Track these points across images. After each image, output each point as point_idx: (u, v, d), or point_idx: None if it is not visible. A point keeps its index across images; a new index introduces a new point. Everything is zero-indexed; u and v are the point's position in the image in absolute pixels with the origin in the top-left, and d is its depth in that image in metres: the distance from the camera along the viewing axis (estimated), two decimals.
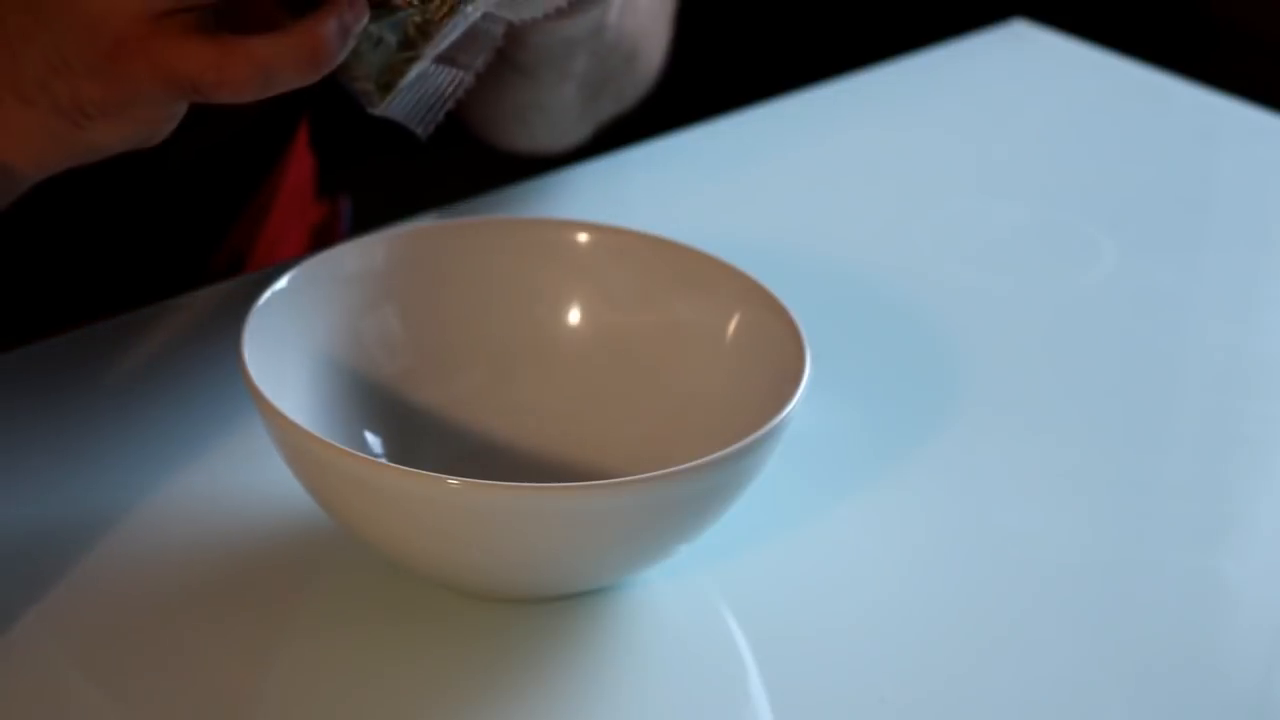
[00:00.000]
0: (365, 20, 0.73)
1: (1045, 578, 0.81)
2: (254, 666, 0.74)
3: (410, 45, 0.75)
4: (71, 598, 0.76)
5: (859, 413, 0.89)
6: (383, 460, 0.79)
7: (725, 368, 0.82)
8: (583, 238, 0.85)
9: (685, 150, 1.10)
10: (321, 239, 1.09)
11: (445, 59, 0.77)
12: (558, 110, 0.97)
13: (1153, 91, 1.19)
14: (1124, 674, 0.76)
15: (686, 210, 1.04)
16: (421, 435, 0.83)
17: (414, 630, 0.76)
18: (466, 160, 1.10)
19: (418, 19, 0.75)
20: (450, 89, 0.78)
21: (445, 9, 0.74)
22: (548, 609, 0.77)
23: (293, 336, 0.79)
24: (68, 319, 0.92)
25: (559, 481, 0.72)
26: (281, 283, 0.80)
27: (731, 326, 0.82)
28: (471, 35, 0.77)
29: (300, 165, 1.07)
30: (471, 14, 0.75)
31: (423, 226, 0.85)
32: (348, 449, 0.72)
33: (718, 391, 0.82)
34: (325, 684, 0.74)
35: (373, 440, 0.81)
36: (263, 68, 0.71)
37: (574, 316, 0.85)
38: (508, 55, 0.90)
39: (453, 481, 0.70)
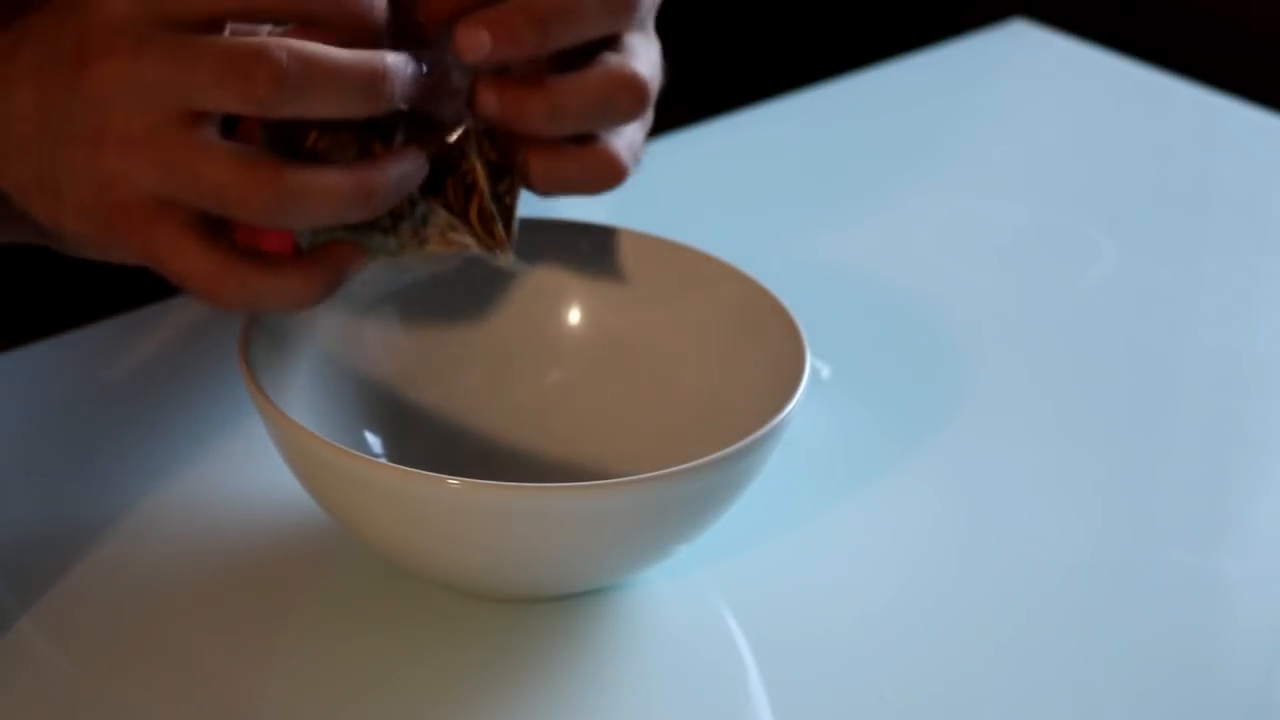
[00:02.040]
0: (360, 267, 0.73)
1: (1045, 577, 0.81)
2: (254, 666, 0.74)
3: (374, 254, 0.75)
4: (71, 597, 0.76)
5: (859, 413, 0.89)
6: (383, 460, 0.79)
7: (725, 368, 0.82)
8: (583, 238, 0.85)
9: (685, 150, 1.10)
10: None
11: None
12: None
13: (1153, 91, 1.19)
14: (1124, 674, 0.76)
15: (686, 210, 1.04)
16: (421, 435, 0.83)
17: (414, 630, 0.76)
18: None
19: (394, 249, 0.75)
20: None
21: (423, 254, 0.75)
22: (548, 609, 0.77)
23: (293, 336, 0.79)
24: (68, 319, 0.92)
25: (559, 481, 0.72)
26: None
27: (731, 326, 0.82)
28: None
29: None
30: (450, 256, 0.75)
31: None
32: (348, 449, 0.72)
33: (718, 391, 0.82)
34: (325, 684, 0.74)
35: (373, 440, 0.81)
36: (252, 295, 0.70)
37: (574, 316, 0.85)
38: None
39: (453, 481, 0.70)
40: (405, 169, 0.71)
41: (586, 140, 0.75)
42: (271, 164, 0.69)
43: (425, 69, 0.72)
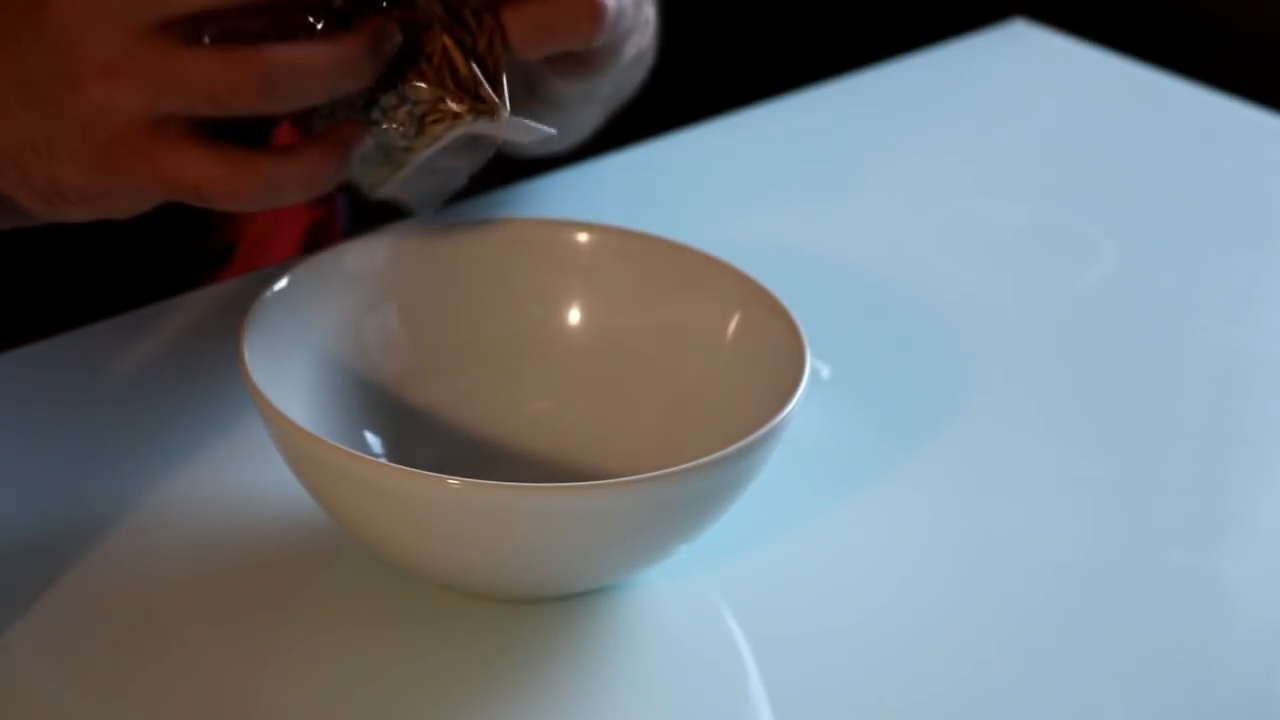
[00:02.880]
0: (368, 140, 0.73)
1: (1044, 577, 0.81)
2: (254, 666, 0.74)
3: (397, 157, 0.76)
4: (71, 597, 0.76)
5: (859, 413, 0.89)
6: (383, 460, 0.79)
7: (725, 368, 0.82)
8: (583, 238, 0.85)
9: (685, 150, 1.10)
10: (317, 238, 1.08)
11: (436, 165, 0.78)
12: (576, 124, 0.97)
13: (1153, 91, 1.19)
14: (1124, 674, 0.76)
15: (686, 210, 1.04)
16: (421, 435, 0.83)
17: (414, 630, 0.76)
18: None
19: (402, 143, 0.75)
20: (445, 184, 0.79)
21: (432, 137, 0.75)
22: (548, 609, 0.77)
23: (293, 336, 0.79)
24: (68, 319, 0.92)
25: (559, 481, 0.72)
26: (281, 283, 0.80)
27: (731, 326, 0.82)
28: (466, 144, 0.78)
29: None
30: (453, 135, 0.75)
31: (423, 226, 0.85)
32: (348, 449, 0.72)
33: (718, 391, 0.82)
34: (325, 684, 0.74)
35: (373, 440, 0.81)
36: (269, 184, 0.70)
37: (574, 316, 0.85)
38: (537, 93, 0.90)
39: (453, 481, 0.70)
40: (379, 30, 0.71)
41: None
42: (252, 50, 0.68)
43: None
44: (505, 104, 0.75)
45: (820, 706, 0.74)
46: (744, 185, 1.08)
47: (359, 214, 1.13)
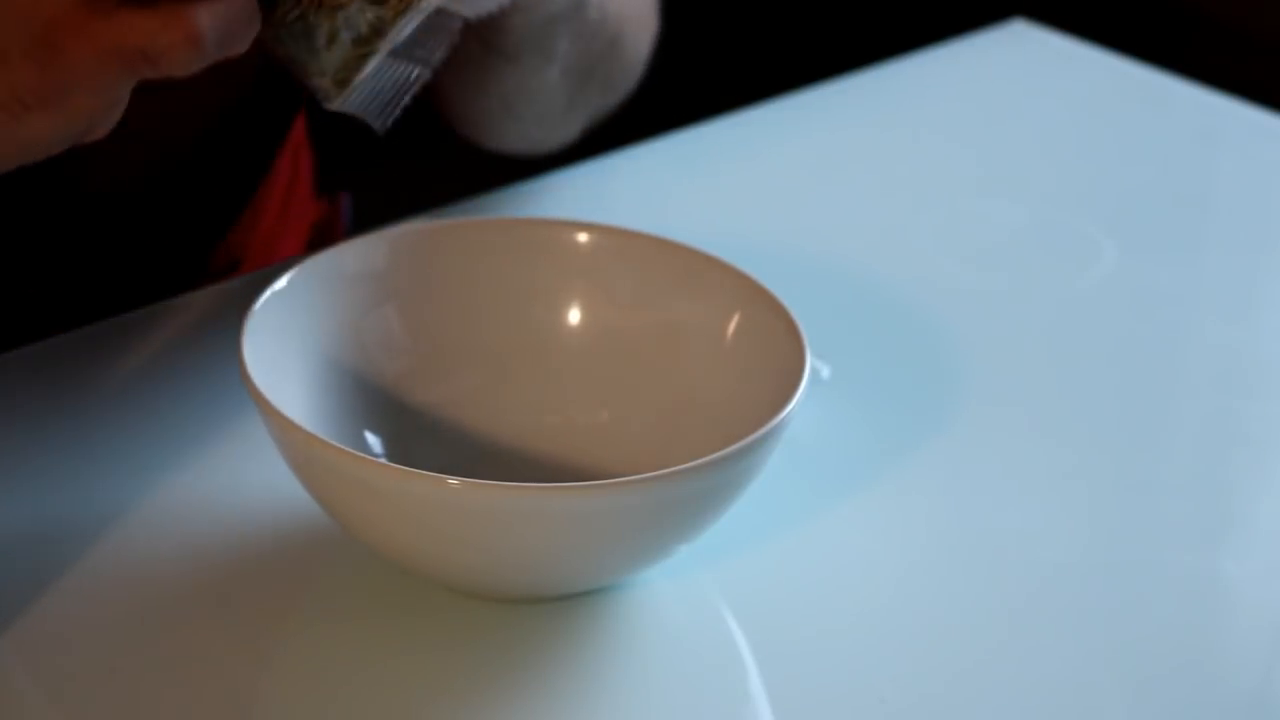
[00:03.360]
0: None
1: (1045, 577, 0.81)
2: (253, 666, 0.74)
3: (365, 41, 0.75)
4: (71, 597, 0.76)
5: (859, 413, 0.89)
6: (383, 460, 0.79)
7: (725, 368, 0.82)
8: (583, 238, 0.85)
9: (684, 150, 1.10)
10: (321, 237, 1.09)
11: (402, 54, 0.77)
12: (544, 98, 0.97)
13: (1153, 91, 1.19)
14: (1124, 674, 0.76)
15: (686, 210, 1.04)
16: (421, 435, 0.83)
17: (414, 630, 0.76)
18: (466, 160, 1.10)
19: (370, 16, 0.74)
20: (407, 82, 0.78)
21: (400, 6, 0.74)
22: (548, 609, 0.77)
23: (293, 336, 0.79)
24: (68, 319, 0.92)
25: (559, 481, 0.72)
26: (281, 283, 0.80)
27: (731, 326, 0.82)
28: (428, 29, 0.77)
29: (299, 162, 1.07)
30: (425, 8, 0.74)
31: (423, 226, 0.85)
32: (348, 449, 0.72)
33: (718, 391, 0.82)
34: (325, 684, 0.74)
35: (373, 440, 0.81)
36: (206, 32, 0.69)
37: (574, 316, 0.85)
38: (490, 42, 0.90)
39: (453, 481, 0.70)
40: None
41: None
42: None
43: None
44: None
45: (820, 706, 0.74)
46: (744, 185, 1.08)
47: (361, 215, 1.14)
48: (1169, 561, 0.82)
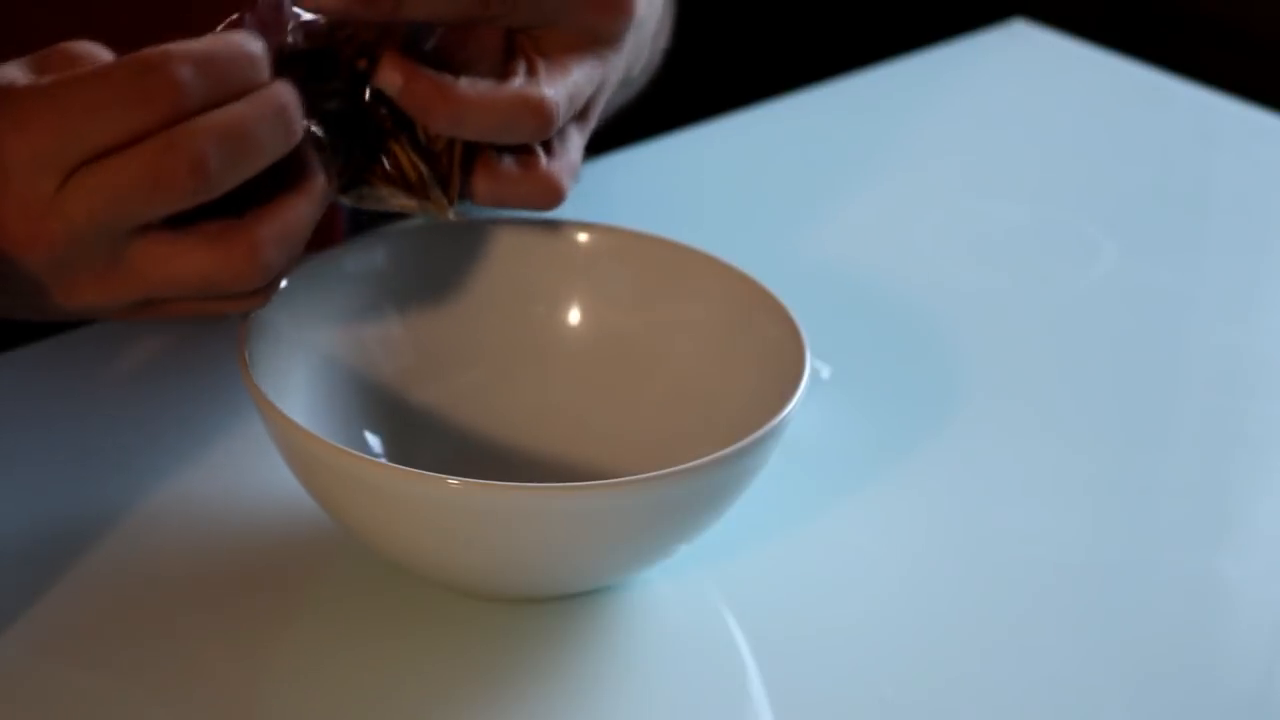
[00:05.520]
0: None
1: (1045, 577, 0.81)
2: (253, 666, 0.74)
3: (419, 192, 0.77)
4: (71, 597, 0.76)
5: (859, 413, 0.89)
6: (383, 460, 0.79)
7: (725, 368, 0.82)
8: (582, 238, 0.85)
9: (685, 150, 1.10)
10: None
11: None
12: None
13: (1153, 91, 1.19)
14: (1124, 674, 0.76)
15: (686, 210, 1.04)
16: (421, 435, 0.83)
17: (414, 630, 0.76)
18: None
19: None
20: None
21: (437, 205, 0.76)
22: (548, 609, 0.77)
23: (293, 336, 0.79)
24: (67, 319, 0.92)
25: (559, 481, 0.72)
26: (281, 283, 0.80)
27: (731, 326, 0.82)
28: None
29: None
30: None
31: (423, 226, 0.85)
32: (348, 449, 0.72)
33: (718, 392, 0.82)
34: (325, 684, 0.74)
35: (373, 440, 0.81)
36: (269, 260, 0.71)
37: (574, 316, 0.85)
38: None
39: (453, 481, 0.70)
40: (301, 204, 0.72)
41: (529, 162, 0.76)
42: (237, 230, 0.69)
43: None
44: (453, 201, 0.76)
45: (820, 706, 0.74)
46: (744, 185, 1.08)
47: (360, 215, 1.13)
48: (1169, 562, 0.82)
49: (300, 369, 0.79)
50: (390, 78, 0.74)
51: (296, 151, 0.71)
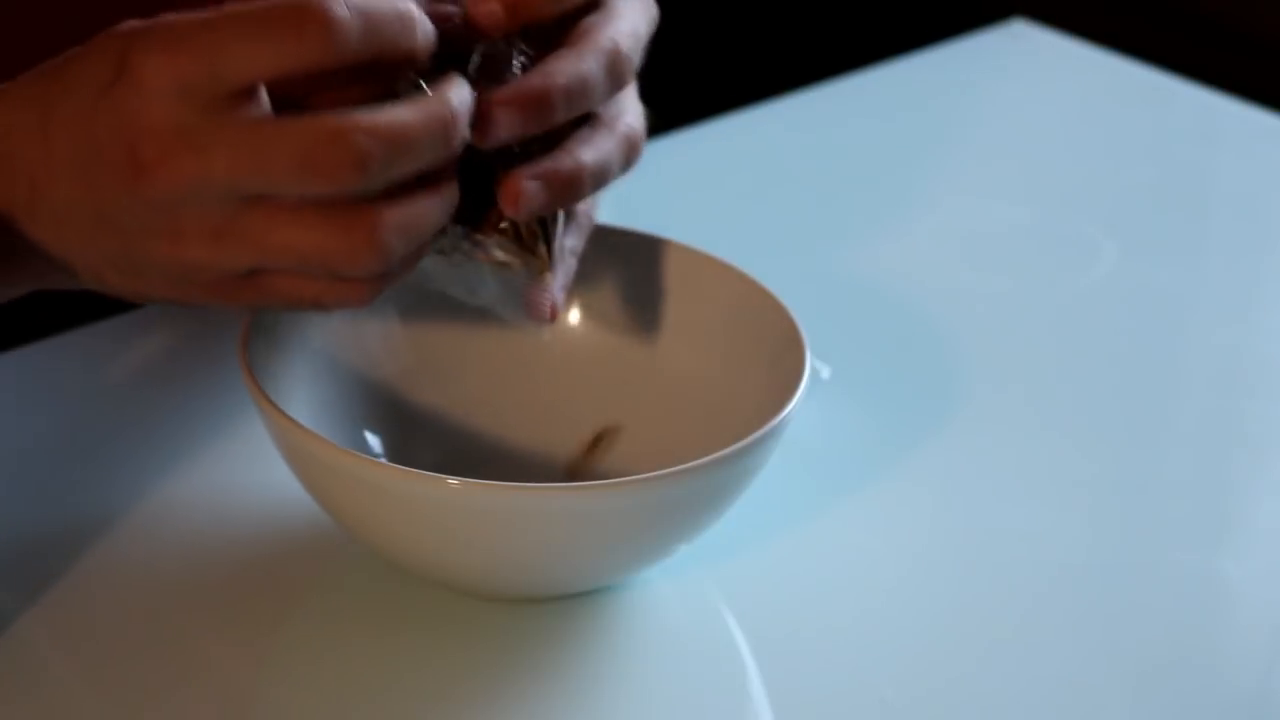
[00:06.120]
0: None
1: (1045, 577, 0.81)
2: (253, 666, 0.74)
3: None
4: (71, 598, 0.76)
5: (859, 413, 0.89)
6: (383, 460, 0.79)
7: (725, 368, 0.82)
8: None
9: (684, 150, 1.10)
10: None
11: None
12: None
13: (1153, 91, 1.19)
14: (1124, 673, 0.76)
15: (686, 210, 1.04)
16: (421, 435, 0.83)
17: (413, 630, 0.76)
18: None
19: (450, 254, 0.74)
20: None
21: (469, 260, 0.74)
22: (548, 609, 0.77)
23: (293, 336, 0.79)
24: (68, 319, 0.92)
25: (559, 481, 0.72)
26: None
27: (731, 326, 0.82)
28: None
29: None
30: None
31: None
32: (348, 449, 0.72)
33: (718, 392, 0.82)
34: (325, 683, 0.74)
35: (373, 440, 0.81)
36: (408, 222, 0.67)
37: (574, 316, 0.85)
38: None
39: (453, 481, 0.70)
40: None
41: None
42: (361, 210, 0.66)
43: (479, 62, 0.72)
44: (552, 262, 0.75)
45: (820, 706, 0.74)
46: (744, 185, 1.08)
47: None
48: (1169, 561, 0.82)
49: (300, 369, 0.79)
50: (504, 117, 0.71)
51: None
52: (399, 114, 0.66)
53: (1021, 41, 1.24)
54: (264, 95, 0.66)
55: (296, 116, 0.65)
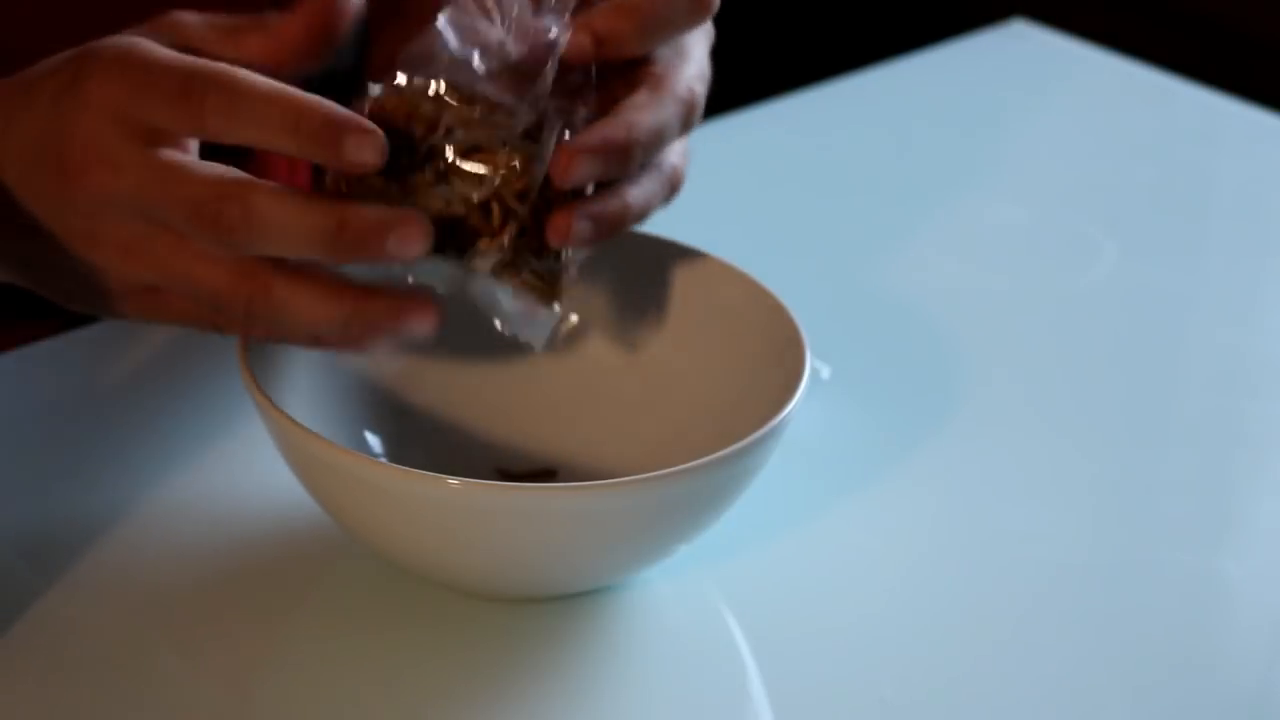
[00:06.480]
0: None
1: (1045, 577, 0.81)
2: (253, 666, 0.74)
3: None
4: (71, 599, 0.76)
5: (859, 413, 0.89)
6: (383, 460, 0.79)
7: (725, 368, 0.82)
8: None
9: None
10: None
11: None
12: None
13: (1153, 91, 1.19)
14: (1124, 673, 0.76)
15: (686, 210, 1.04)
16: (421, 435, 0.83)
17: (414, 630, 0.76)
18: None
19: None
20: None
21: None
22: (548, 609, 0.77)
23: None
24: (67, 319, 0.92)
25: (559, 481, 0.72)
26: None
27: (732, 327, 0.82)
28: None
29: (297, 162, 1.07)
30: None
31: None
32: (348, 449, 0.72)
33: (718, 391, 0.81)
34: (325, 684, 0.74)
35: (373, 440, 0.81)
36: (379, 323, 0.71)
37: (573, 317, 0.85)
38: None
39: (453, 481, 0.70)
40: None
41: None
42: (258, 268, 0.70)
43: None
44: (560, 299, 0.75)
45: (820, 706, 0.74)
46: (744, 185, 1.08)
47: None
48: (1169, 561, 0.82)
49: (300, 369, 0.79)
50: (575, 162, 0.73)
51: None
52: (287, 204, 0.69)
53: (1021, 41, 1.24)
54: (191, 143, 0.72)
55: (210, 166, 0.70)
